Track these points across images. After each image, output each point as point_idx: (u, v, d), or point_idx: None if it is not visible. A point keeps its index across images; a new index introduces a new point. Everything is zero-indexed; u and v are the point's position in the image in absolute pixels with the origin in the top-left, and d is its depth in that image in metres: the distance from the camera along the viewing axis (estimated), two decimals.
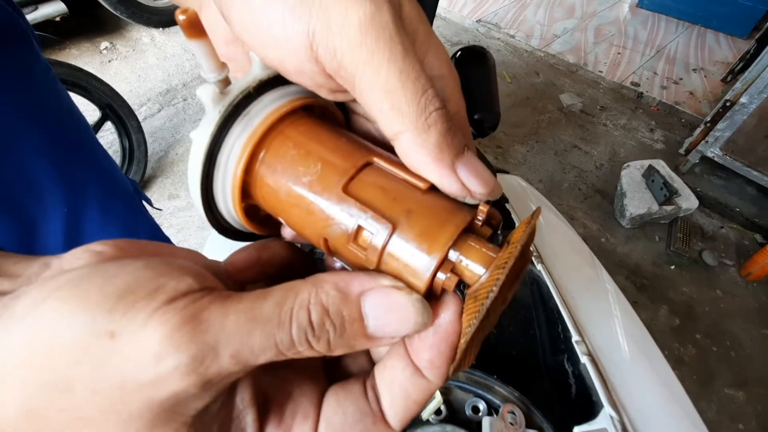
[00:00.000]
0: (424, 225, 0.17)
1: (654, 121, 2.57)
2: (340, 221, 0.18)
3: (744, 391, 1.52)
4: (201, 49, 0.18)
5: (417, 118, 0.17)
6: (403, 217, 0.17)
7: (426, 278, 0.16)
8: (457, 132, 0.18)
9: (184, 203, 1.93)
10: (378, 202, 0.17)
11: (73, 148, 0.62)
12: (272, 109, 0.19)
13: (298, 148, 0.19)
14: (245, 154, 0.19)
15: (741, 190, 2.15)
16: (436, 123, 0.17)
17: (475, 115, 0.61)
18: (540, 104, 2.61)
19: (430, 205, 0.17)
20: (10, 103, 0.52)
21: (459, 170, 0.17)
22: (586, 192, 2.14)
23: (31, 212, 0.58)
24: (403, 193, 0.18)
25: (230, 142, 0.19)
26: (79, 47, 2.59)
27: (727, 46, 3.14)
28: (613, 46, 3.08)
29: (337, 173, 0.18)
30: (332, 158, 0.19)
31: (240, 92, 0.19)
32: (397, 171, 0.19)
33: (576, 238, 0.70)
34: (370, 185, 0.18)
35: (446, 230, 0.17)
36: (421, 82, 0.17)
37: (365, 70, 0.16)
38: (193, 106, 2.38)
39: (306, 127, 0.20)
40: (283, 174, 0.19)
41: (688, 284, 1.80)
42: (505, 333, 0.53)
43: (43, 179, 0.57)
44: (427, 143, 0.17)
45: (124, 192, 0.73)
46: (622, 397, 0.41)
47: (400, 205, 0.17)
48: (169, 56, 2.65)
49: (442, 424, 0.38)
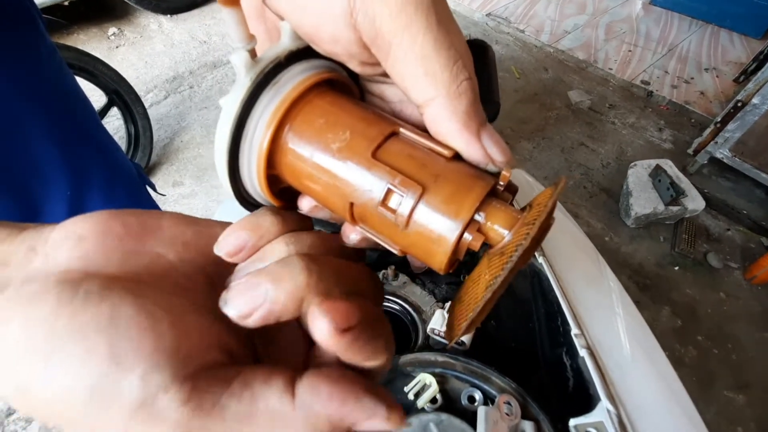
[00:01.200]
0: (451, 188, 0.18)
1: (663, 120, 2.54)
2: (369, 186, 0.18)
3: (744, 394, 1.51)
4: (234, 17, 0.18)
5: (450, 85, 0.18)
6: (431, 182, 0.18)
7: (454, 237, 0.17)
8: (480, 102, 0.19)
9: (188, 191, 1.94)
10: (406, 167, 0.18)
11: (78, 130, 0.62)
12: (301, 78, 0.20)
13: (327, 116, 0.20)
14: (274, 121, 0.19)
15: (749, 193, 2.12)
16: (466, 91, 0.18)
17: None
18: (548, 101, 2.59)
19: (456, 171, 0.18)
20: (15, 84, 0.52)
21: (483, 139, 0.18)
22: (591, 190, 2.12)
23: (35, 194, 0.58)
24: (429, 160, 0.19)
25: (259, 110, 0.19)
26: (87, 32, 2.59)
27: (740, 46, 3.08)
28: (624, 44, 3.04)
29: (366, 140, 0.19)
30: (360, 126, 0.19)
31: (271, 61, 0.19)
32: (422, 140, 0.19)
33: (580, 234, 0.69)
34: (397, 152, 0.19)
35: (473, 193, 0.18)
36: (453, 52, 0.18)
37: (403, 37, 0.17)
38: (200, 94, 2.38)
39: (332, 98, 0.21)
40: (311, 142, 0.19)
41: (691, 286, 1.79)
42: (503, 325, 0.52)
43: (47, 161, 0.57)
44: (458, 110, 0.18)
45: (128, 176, 0.73)
46: (621, 392, 0.41)
47: (428, 170, 0.18)
48: (176, 43, 2.65)
49: (437, 413, 0.38)
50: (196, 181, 1.98)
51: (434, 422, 0.37)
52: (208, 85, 2.43)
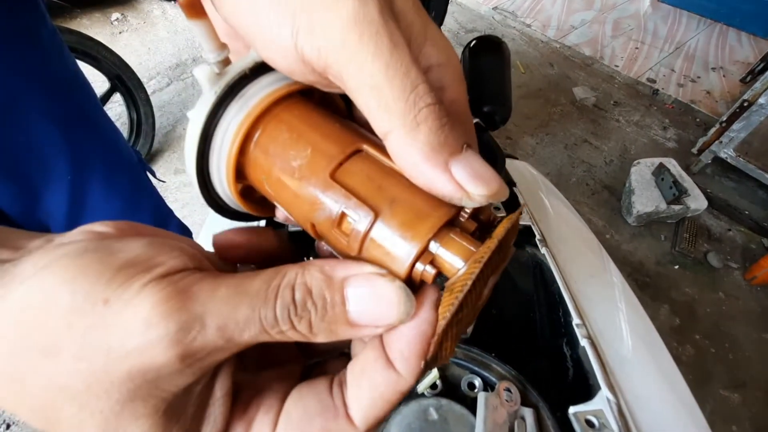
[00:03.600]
0: (406, 215, 0.16)
1: (668, 119, 2.53)
2: (325, 206, 0.18)
3: (740, 394, 1.52)
4: (201, 29, 0.18)
5: (405, 116, 0.16)
6: (386, 206, 0.17)
7: (405, 268, 0.16)
8: (454, 128, 0.16)
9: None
10: (363, 189, 0.17)
11: (78, 114, 0.62)
12: (268, 91, 0.19)
13: (291, 132, 0.19)
14: (239, 135, 0.19)
15: (752, 193, 2.12)
16: (426, 120, 0.16)
17: (486, 107, 0.59)
18: (552, 96, 2.57)
19: (415, 195, 0.17)
20: (16, 65, 0.51)
21: (454, 170, 0.16)
22: (593, 187, 2.11)
23: (36, 178, 0.58)
24: (389, 182, 0.17)
25: (225, 123, 0.19)
26: (90, 17, 2.57)
27: (748, 46, 3.06)
28: (631, 41, 3.01)
29: (325, 159, 0.18)
30: (323, 144, 0.18)
31: (237, 73, 0.19)
32: (386, 160, 0.18)
33: (584, 228, 0.69)
34: (357, 173, 0.18)
35: (428, 222, 0.16)
36: (411, 77, 0.16)
37: (350, 68, 0.16)
38: None
39: (301, 111, 0.20)
40: (275, 156, 0.19)
41: (690, 285, 1.79)
42: (504, 314, 0.52)
43: (48, 145, 0.57)
44: (416, 142, 0.16)
45: (129, 162, 0.73)
46: (621, 382, 0.41)
47: (385, 193, 0.17)
48: (179, 30, 2.63)
49: (437, 398, 0.38)
50: None
51: (434, 407, 0.37)
52: None
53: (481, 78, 0.60)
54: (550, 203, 0.68)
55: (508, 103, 0.61)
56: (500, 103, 0.59)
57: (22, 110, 0.53)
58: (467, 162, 0.16)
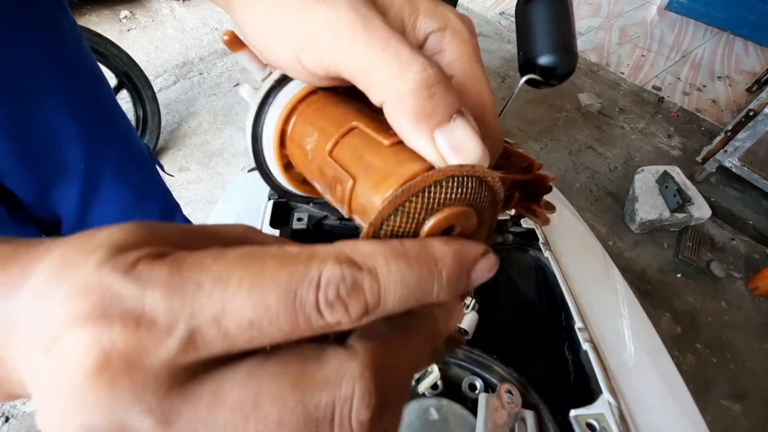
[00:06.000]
0: (376, 178, 0.18)
1: (673, 127, 2.52)
2: (327, 178, 0.21)
3: (740, 404, 1.51)
4: (244, 58, 0.23)
5: (392, 87, 0.17)
6: (362, 172, 0.19)
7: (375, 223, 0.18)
8: (445, 96, 0.17)
9: (194, 176, 1.94)
10: (348, 161, 0.20)
11: (94, 105, 0.63)
12: (290, 97, 0.24)
13: (307, 123, 0.23)
14: (276, 133, 0.24)
15: (756, 203, 2.11)
16: (413, 91, 0.17)
17: (542, 58, 0.50)
18: (558, 102, 2.57)
19: (389, 161, 0.18)
20: (37, 53, 0.53)
21: (438, 139, 0.17)
22: (597, 194, 2.11)
23: (50, 165, 0.59)
24: (368, 150, 0.19)
25: (266, 126, 0.24)
26: (99, 14, 2.59)
27: (755, 55, 3.05)
28: (637, 48, 3.01)
29: (327, 139, 0.21)
30: (327, 127, 0.21)
31: (268, 87, 0.24)
32: (372, 132, 0.20)
33: (588, 233, 0.69)
34: (348, 147, 0.20)
35: (390, 180, 0.17)
36: (391, 50, 0.17)
37: (343, 65, 0.18)
38: (209, 81, 2.38)
39: (319, 105, 0.23)
40: (300, 145, 0.23)
41: (693, 294, 1.78)
42: (506, 317, 0.52)
43: (64, 132, 0.58)
44: (403, 112, 0.17)
45: (140, 155, 0.74)
46: (622, 386, 0.41)
47: (363, 161, 0.19)
48: (187, 29, 2.64)
49: (438, 398, 0.38)
50: (202, 167, 1.98)
51: (435, 407, 0.37)
52: (218, 72, 2.43)
53: (535, 26, 0.52)
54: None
55: (571, 51, 0.52)
56: (560, 52, 0.51)
57: (41, 98, 0.54)
58: (451, 133, 0.17)
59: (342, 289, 0.13)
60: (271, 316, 0.12)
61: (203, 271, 0.12)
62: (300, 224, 0.56)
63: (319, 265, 0.13)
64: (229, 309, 0.12)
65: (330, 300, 0.13)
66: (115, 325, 0.11)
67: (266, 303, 0.12)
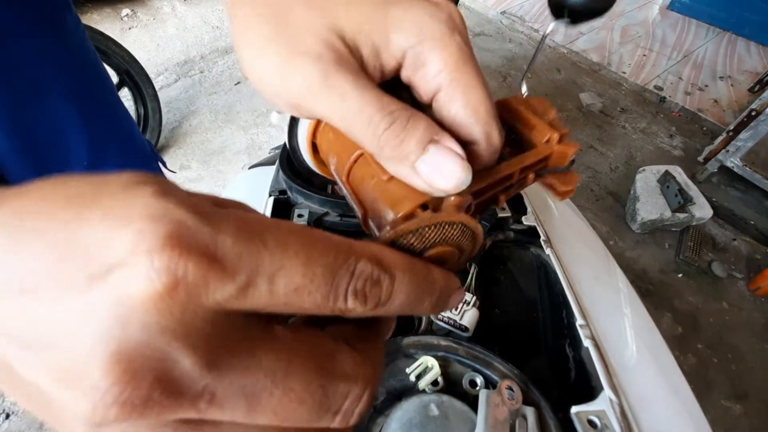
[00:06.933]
0: (380, 212, 0.20)
1: (674, 126, 2.52)
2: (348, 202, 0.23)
3: (741, 405, 1.50)
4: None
5: (370, 143, 0.19)
6: (369, 204, 0.21)
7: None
8: (413, 133, 0.18)
9: (195, 174, 1.94)
10: (360, 190, 0.22)
11: (98, 101, 0.64)
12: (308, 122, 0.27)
13: (328, 142, 0.25)
14: (308, 144, 0.28)
15: (758, 204, 2.10)
16: (387, 142, 0.18)
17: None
18: (559, 101, 2.57)
19: (390, 193, 0.20)
20: (42, 48, 0.53)
21: (420, 169, 0.18)
22: (598, 193, 2.11)
23: (54, 160, 0.59)
24: (374, 183, 0.21)
25: (299, 138, 0.29)
26: (101, 12, 2.60)
27: (757, 56, 3.05)
28: (638, 48, 3.01)
29: (343, 163, 0.23)
30: (342, 152, 0.23)
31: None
32: (373, 163, 0.21)
33: (589, 231, 0.69)
34: (359, 174, 0.22)
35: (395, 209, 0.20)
36: (351, 105, 0.18)
37: (320, 116, 0.20)
38: (210, 79, 2.38)
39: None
40: (325, 157, 0.26)
41: (694, 294, 1.78)
42: (508, 314, 0.52)
43: (69, 127, 0.58)
44: (384, 157, 0.19)
45: (142, 151, 0.74)
46: (624, 383, 0.41)
47: (371, 193, 0.21)
48: (189, 27, 2.64)
49: (438, 394, 0.38)
50: (203, 165, 1.98)
51: (435, 403, 0.37)
52: (219, 71, 2.43)
53: None
54: (555, 205, 0.68)
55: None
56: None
57: (46, 92, 0.54)
58: (430, 160, 0.18)
59: (368, 283, 0.15)
60: (312, 287, 0.13)
61: (266, 230, 0.13)
62: (301, 220, 0.55)
63: (357, 258, 0.15)
64: (285, 270, 0.13)
65: (358, 288, 0.14)
66: (192, 256, 0.12)
67: (314, 274, 0.13)
